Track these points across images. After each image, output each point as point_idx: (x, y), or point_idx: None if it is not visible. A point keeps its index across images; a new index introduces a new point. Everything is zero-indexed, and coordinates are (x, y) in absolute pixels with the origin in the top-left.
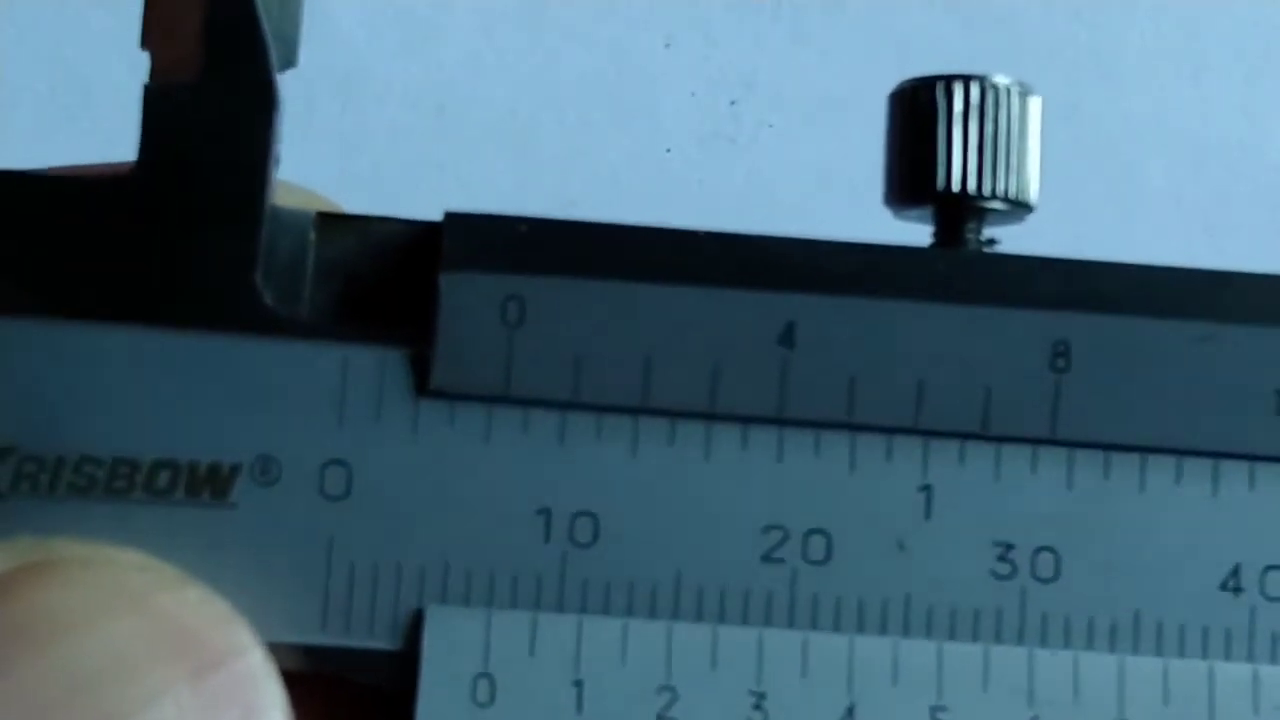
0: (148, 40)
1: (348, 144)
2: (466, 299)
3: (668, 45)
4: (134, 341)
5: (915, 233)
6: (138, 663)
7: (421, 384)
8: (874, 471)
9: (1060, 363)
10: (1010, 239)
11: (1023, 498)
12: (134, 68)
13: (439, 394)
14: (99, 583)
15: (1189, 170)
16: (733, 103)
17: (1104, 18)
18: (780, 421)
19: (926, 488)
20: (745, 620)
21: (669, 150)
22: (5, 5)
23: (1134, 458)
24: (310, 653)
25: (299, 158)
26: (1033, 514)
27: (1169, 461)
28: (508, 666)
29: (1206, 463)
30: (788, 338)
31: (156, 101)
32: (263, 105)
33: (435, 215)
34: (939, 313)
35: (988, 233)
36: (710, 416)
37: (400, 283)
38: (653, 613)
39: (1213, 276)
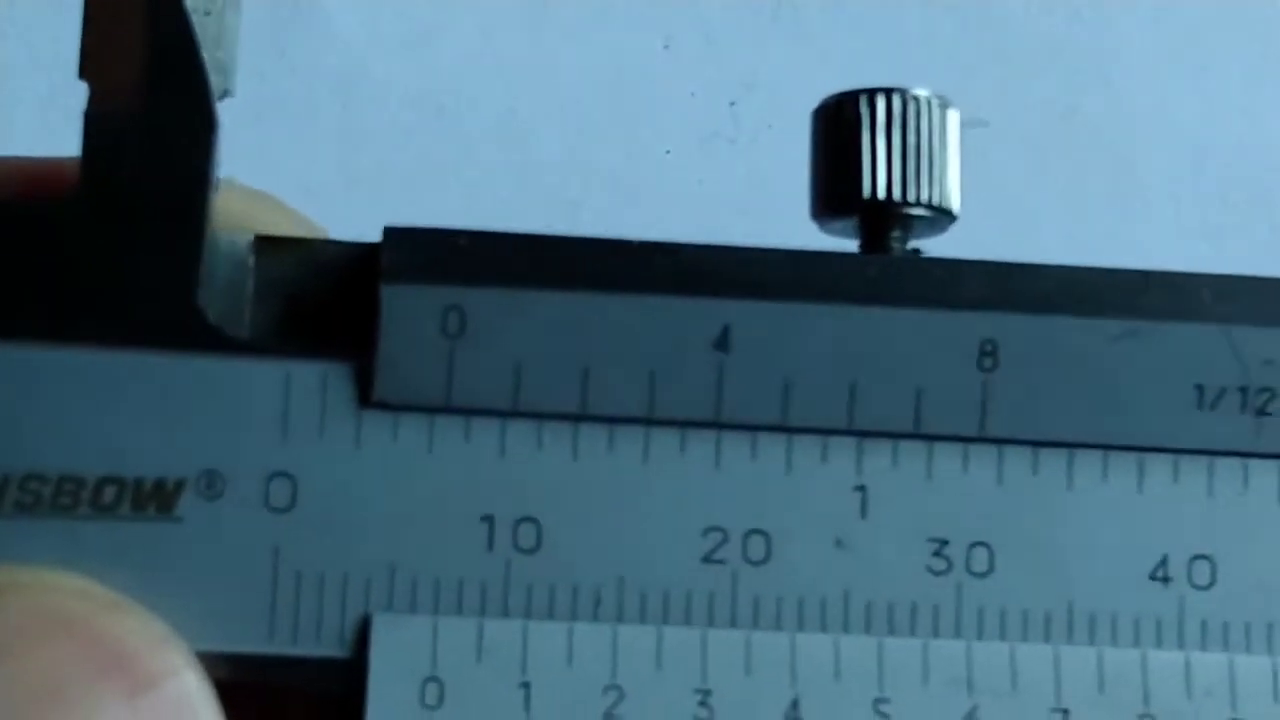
0: (86, 71)
1: (348, 144)
2: (407, 310)
3: (667, 46)
4: (80, 361)
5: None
6: (74, 685)
7: (364, 396)
8: (810, 472)
9: (988, 362)
10: (1011, 239)
11: (955, 495)
12: None
13: (381, 405)
14: (35, 608)
15: (1189, 170)
16: (732, 104)
17: (1104, 18)
18: (717, 425)
19: (861, 487)
20: (688, 621)
21: (669, 151)
22: (5, 5)
23: (1062, 453)
24: (259, 662)
25: (299, 158)
26: (966, 510)
27: (1095, 456)
28: (455, 670)
29: (1131, 457)
30: (723, 342)
31: (98, 128)
32: (203, 132)
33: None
34: (869, 315)
35: (913, 243)
36: (649, 422)
37: (340, 301)
38: (597, 616)
39: (1133, 275)
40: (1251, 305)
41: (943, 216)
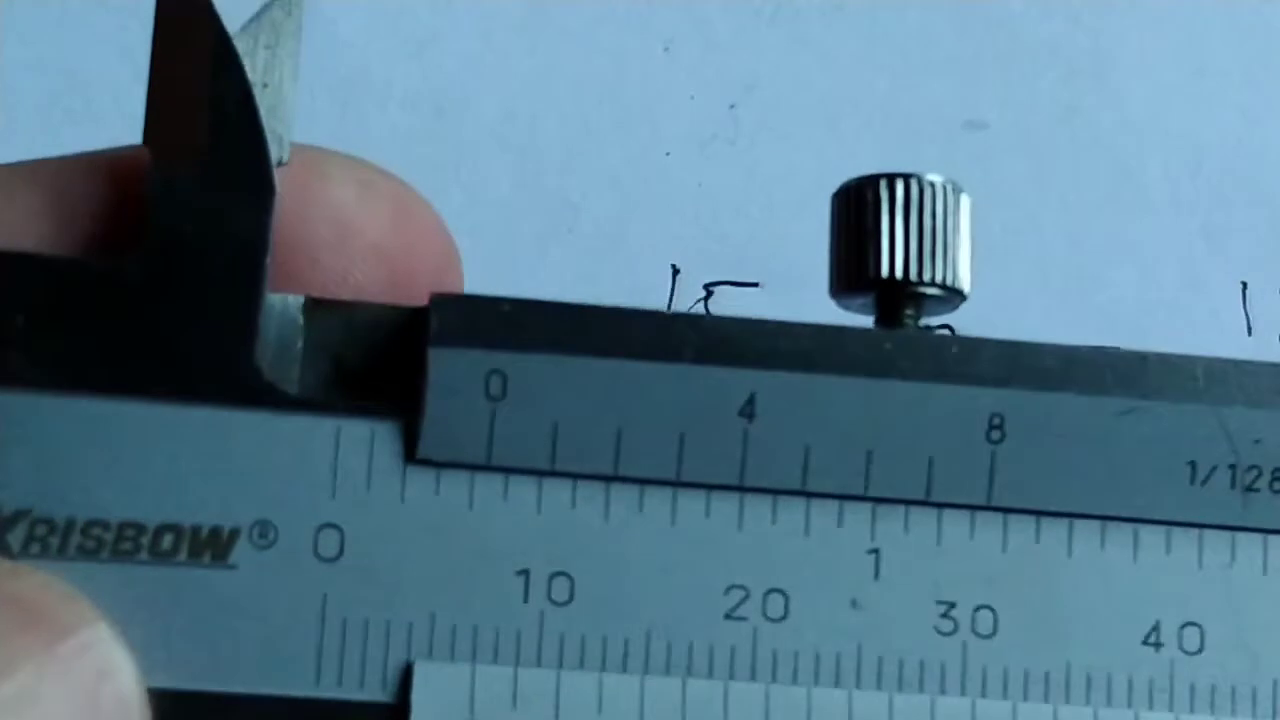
0: (150, 139)
1: (348, 145)
2: (452, 373)
3: (667, 49)
4: (142, 414)
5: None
6: None
7: (409, 453)
8: (827, 535)
9: (995, 435)
10: (1011, 239)
11: (962, 560)
12: (135, 71)
13: (426, 463)
14: None
15: (1189, 170)
16: (732, 106)
17: (1103, 19)
18: (741, 489)
19: (875, 550)
20: (711, 673)
21: (669, 153)
22: (5, 7)
23: (1063, 523)
24: (305, 706)
25: None
26: (972, 575)
27: (1094, 527)
28: (493, 715)
29: (1127, 528)
30: (748, 410)
31: (161, 193)
32: (262, 199)
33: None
34: (886, 388)
35: (925, 321)
36: (676, 484)
37: (385, 361)
38: (625, 667)
39: (1133, 356)
40: (1241, 387)
41: (954, 295)
